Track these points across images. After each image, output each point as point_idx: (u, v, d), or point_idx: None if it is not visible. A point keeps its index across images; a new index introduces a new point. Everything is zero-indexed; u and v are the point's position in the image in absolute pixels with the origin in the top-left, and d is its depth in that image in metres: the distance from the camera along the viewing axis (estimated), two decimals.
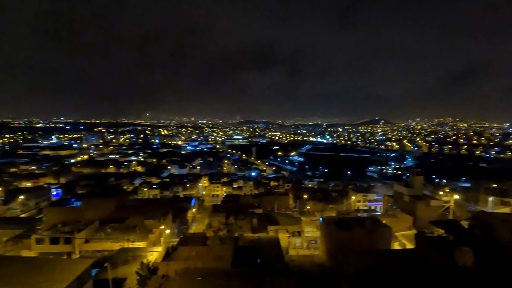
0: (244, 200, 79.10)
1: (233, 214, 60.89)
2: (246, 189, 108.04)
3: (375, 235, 40.07)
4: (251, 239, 44.55)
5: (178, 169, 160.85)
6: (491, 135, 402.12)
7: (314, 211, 72.99)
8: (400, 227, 54.26)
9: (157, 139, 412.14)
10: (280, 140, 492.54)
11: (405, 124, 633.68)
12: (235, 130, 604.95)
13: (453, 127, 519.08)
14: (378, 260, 23.91)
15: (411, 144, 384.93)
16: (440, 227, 33.61)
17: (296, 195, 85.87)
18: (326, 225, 45.09)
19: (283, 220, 58.86)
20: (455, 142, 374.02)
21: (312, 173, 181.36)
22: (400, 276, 21.38)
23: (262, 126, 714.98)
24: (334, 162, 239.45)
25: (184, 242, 38.78)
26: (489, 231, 28.47)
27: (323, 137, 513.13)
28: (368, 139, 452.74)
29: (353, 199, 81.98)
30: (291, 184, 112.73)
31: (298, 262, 44.02)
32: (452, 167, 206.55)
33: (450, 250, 23.79)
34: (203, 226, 62.85)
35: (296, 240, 54.29)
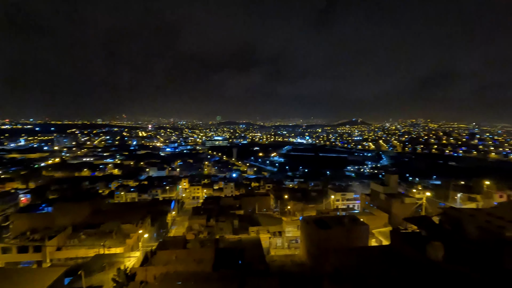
0: (225, 201, 78.63)
1: (214, 216, 60.32)
2: (227, 191, 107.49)
3: (353, 233, 41.23)
4: (233, 240, 44.35)
5: (157, 172, 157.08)
6: (459, 135, 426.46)
7: (295, 211, 73.88)
8: (377, 224, 56.16)
9: (134, 141, 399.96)
10: (261, 141, 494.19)
11: (380, 125, 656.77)
12: (215, 131, 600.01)
13: (425, 128, 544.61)
14: (356, 257, 24.62)
15: (386, 144, 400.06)
16: (414, 223, 35.16)
17: (277, 195, 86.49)
18: (306, 224, 45.80)
19: (264, 220, 59.09)
20: (427, 142, 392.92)
21: (292, 174, 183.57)
22: (377, 272, 22.14)
23: (243, 127, 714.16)
24: (314, 162, 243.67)
25: (164, 246, 37.92)
26: (457, 226, 30.13)
27: (303, 138, 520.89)
28: (346, 140, 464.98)
29: (332, 198, 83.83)
30: (272, 184, 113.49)
31: (279, 262, 44.39)
32: (424, 166, 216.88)
33: (423, 245, 24.95)
34: (183, 229, 61.76)
35: (277, 240, 54.68)
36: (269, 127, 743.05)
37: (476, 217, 30.40)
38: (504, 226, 27.81)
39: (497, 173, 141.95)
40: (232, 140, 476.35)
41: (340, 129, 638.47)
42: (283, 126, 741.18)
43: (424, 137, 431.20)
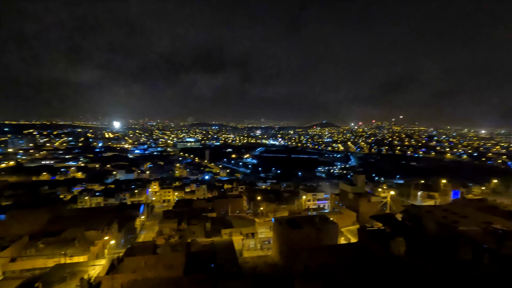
0: (197, 204, 77.33)
1: (186, 219, 59.07)
2: (199, 193, 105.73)
3: (323, 232, 42.46)
4: (205, 244, 43.70)
5: (125, 175, 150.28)
6: (419, 138, 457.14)
7: (268, 212, 74.49)
8: (346, 222, 58.40)
9: (100, 143, 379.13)
10: (234, 142, 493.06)
11: (349, 127, 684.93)
12: (187, 133, 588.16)
13: (389, 130, 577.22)
14: (326, 255, 25.41)
15: (354, 145, 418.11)
16: (379, 221, 37.07)
17: (249, 197, 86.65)
18: (278, 225, 46.39)
19: (237, 222, 58.91)
20: (391, 143, 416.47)
21: (265, 175, 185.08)
22: (345, 268, 23.01)
23: (215, 129, 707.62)
24: (286, 163, 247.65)
25: (132, 252, 36.36)
26: (417, 222, 32.27)
27: (276, 140, 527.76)
28: (316, 141, 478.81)
29: (304, 199, 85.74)
30: (245, 186, 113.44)
31: (252, 264, 44.48)
32: (388, 166, 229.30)
33: (387, 241, 26.38)
34: (153, 234, 59.68)
35: (250, 242, 54.76)
36: (242, 128, 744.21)
37: (433, 213, 32.77)
38: (457, 221, 30.27)
39: (452, 172, 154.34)
40: (204, 141, 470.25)
41: (311, 131, 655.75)
42: (256, 128, 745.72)
43: (389, 139, 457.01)
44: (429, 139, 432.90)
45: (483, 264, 22.51)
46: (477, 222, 32.05)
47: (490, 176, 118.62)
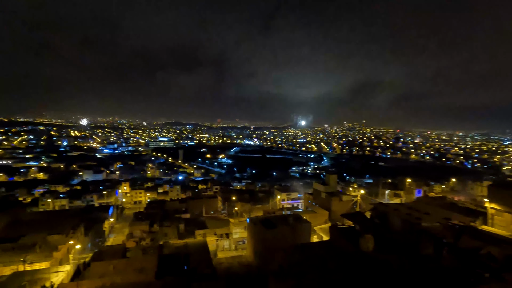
0: (170, 205, 75.47)
1: (158, 221, 57.45)
2: (172, 194, 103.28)
3: (297, 231, 43.29)
4: (178, 245, 42.76)
5: (92, 175, 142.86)
6: (387, 139, 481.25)
7: (242, 212, 74.51)
8: (318, 221, 59.99)
9: (65, 141, 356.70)
10: (209, 142, 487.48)
11: (322, 128, 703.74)
12: (160, 132, 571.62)
13: (360, 132, 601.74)
14: (299, 254, 25.94)
15: (327, 146, 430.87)
16: (349, 219, 38.50)
17: (224, 197, 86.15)
18: (253, 225, 46.57)
19: (211, 223, 58.34)
20: (361, 144, 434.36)
21: (240, 175, 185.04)
22: (317, 266, 23.64)
23: (190, 128, 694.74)
24: (261, 163, 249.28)
25: (99, 257, 34.66)
26: (385, 219, 33.96)
27: (251, 140, 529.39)
28: (291, 142, 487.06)
29: (278, 198, 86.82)
30: (219, 186, 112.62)
31: (226, 264, 44.27)
32: (359, 166, 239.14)
33: (357, 238, 27.48)
34: (123, 237, 57.33)
35: (225, 243, 54.43)
36: (217, 128, 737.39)
37: (399, 210, 34.66)
38: (420, 217, 32.27)
39: (416, 172, 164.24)
40: (178, 141, 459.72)
41: (286, 131, 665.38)
42: (231, 128, 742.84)
43: (359, 140, 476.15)
44: (396, 141, 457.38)
45: (442, 257, 24.18)
46: (437, 218, 34.40)
47: (449, 175, 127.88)
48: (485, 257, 23.32)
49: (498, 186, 43.43)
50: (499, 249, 23.95)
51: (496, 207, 40.41)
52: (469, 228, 32.22)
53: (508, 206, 39.00)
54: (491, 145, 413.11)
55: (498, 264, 22.19)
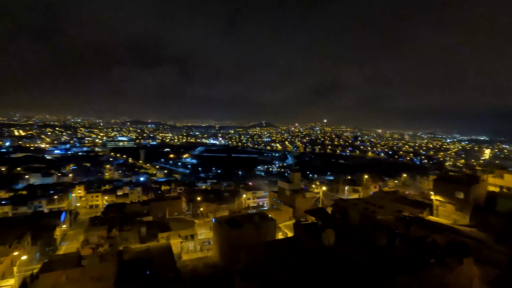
0: (130, 208, 71.82)
1: (117, 225, 54.36)
2: (133, 196, 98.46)
3: (262, 229, 43.87)
4: (139, 250, 40.83)
5: (41, 179, 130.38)
6: (346, 138, 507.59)
7: (208, 212, 73.54)
8: (283, 218, 61.36)
9: (7, 141, 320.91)
10: (172, 142, 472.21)
11: (286, 128, 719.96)
12: (119, 131, 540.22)
13: (321, 131, 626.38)
14: (264, 251, 26.33)
15: (291, 145, 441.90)
16: (312, 215, 39.96)
17: (189, 198, 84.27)
18: (218, 225, 46.21)
19: (175, 225, 56.73)
20: (323, 143, 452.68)
21: (205, 175, 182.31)
22: (282, 263, 24.19)
23: (152, 127, 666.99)
24: (227, 163, 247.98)
25: (50, 267, 31.83)
26: (344, 213, 35.82)
27: (216, 139, 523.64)
28: (256, 141, 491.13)
29: (244, 197, 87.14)
30: (184, 187, 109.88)
31: (191, 266, 43.43)
32: (321, 164, 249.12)
33: (319, 233, 28.63)
34: (77, 244, 53.34)
35: (189, 244, 53.33)
36: (181, 127, 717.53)
37: (357, 205, 36.78)
38: (376, 211, 34.57)
39: (372, 168, 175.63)
40: (139, 140, 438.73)
41: (251, 130, 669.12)
42: (196, 127, 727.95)
43: (321, 139, 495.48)
44: (355, 139, 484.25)
45: (395, 247, 26.21)
46: (391, 211, 37.15)
47: (401, 171, 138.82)
48: (430, 245, 25.75)
49: (441, 180, 48.12)
50: (442, 236, 26.62)
51: (440, 199, 44.79)
52: (418, 219, 35.35)
53: (449, 198, 43.45)
54: (436, 143, 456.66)
55: (442, 250, 24.65)
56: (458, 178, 49.49)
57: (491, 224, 35.11)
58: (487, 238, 31.17)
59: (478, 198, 42.51)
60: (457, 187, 42.54)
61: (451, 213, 42.83)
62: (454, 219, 41.86)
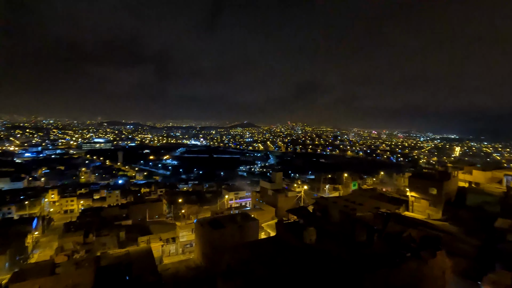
0: (108, 212, 69.54)
1: (94, 230, 52.31)
2: (111, 200, 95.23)
3: (245, 229, 43.84)
4: (118, 255, 39.58)
5: (10, 183, 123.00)
6: (326, 137, 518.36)
7: (189, 214, 72.43)
8: (266, 218, 61.64)
9: None
10: (152, 143, 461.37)
11: (268, 128, 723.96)
12: (95, 132, 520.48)
13: (302, 131, 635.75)
14: (247, 252, 26.33)
15: (273, 145, 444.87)
16: (294, 214, 40.45)
17: (170, 200, 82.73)
18: (200, 226, 45.68)
19: (155, 228, 55.49)
20: (304, 143, 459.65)
21: (186, 176, 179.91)
22: (265, 262, 24.30)
23: (130, 128, 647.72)
24: (208, 163, 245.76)
25: (20, 277, 30.12)
26: (325, 211, 36.56)
27: (197, 140, 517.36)
28: (238, 141, 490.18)
29: (226, 198, 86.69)
30: (164, 189, 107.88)
31: (173, 270, 42.59)
32: (302, 163, 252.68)
33: (301, 231, 29.02)
34: (51, 252, 50.93)
35: (171, 247, 52.38)
36: (161, 128, 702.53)
37: (337, 203, 37.66)
38: (355, 208, 35.55)
39: (352, 167, 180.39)
40: (117, 142, 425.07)
41: (232, 131, 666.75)
42: (176, 128, 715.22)
43: (302, 138, 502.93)
44: (334, 139, 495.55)
45: (373, 242, 27.07)
46: (369, 208, 38.34)
47: (378, 169, 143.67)
48: (406, 239, 26.83)
49: (416, 177, 50.26)
50: (417, 231, 27.82)
51: (415, 195, 46.78)
52: (394, 215, 36.72)
53: (423, 194, 45.48)
54: (410, 142, 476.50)
55: (417, 244, 25.75)
56: (431, 175, 51.91)
57: (461, 218, 37.13)
58: (457, 231, 32.96)
59: (450, 193, 44.79)
60: (430, 183, 44.59)
61: (425, 208, 44.83)
62: (428, 214, 43.85)
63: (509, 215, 32.26)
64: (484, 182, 52.34)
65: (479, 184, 51.78)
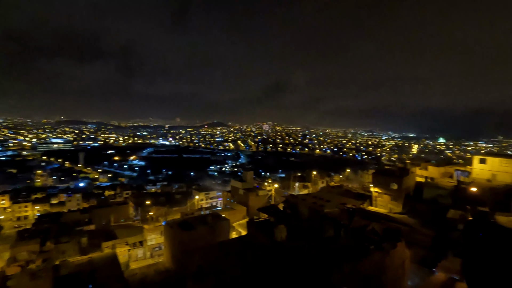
0: (68, 217, 65.14)
1: (52, 237, 48.83)
2: (71, 204, 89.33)
3: (216, 230, 43.42)
4: (80, 263, 37.28)
5: None
6: (296, 136, 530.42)
7: (158, 216, 70.12)
8: (237, 217, 61.61)
9: None
10: (117, 143, 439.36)
11: (239, 127, 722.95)
12: (53, 132, 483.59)
13: (273, 130, 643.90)
14: (218, 252, 26.11)
15: (243, 144, 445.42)
16: (264, 212, 40.86)
17: (137, 202, 79.50)
18: (169, 228, 44.46)
19: (121, 232, 53.07)
20: (274, 142, 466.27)
21: (155, 177, 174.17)
22: (236, 262, 24.29)
23: (93, 128, 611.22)
24: (178, 164, 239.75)
25: None
26: (295, 209, 37.40)
27: (166, 139, 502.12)
28: (208, 141, 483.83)
29: (197, 199, 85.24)
30: (131, 191, 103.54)
31: (141, 275, 41.01)
32: (273, 162, 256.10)
33: (272, 229, 29.40)
34: (1, 263, 46.39)
35: (138, 251, 50.40)
36: (127, 127, 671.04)
37: (306, 200, 38.71)
38: (323, 205, 36.78)
39: (320, 165, 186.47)
40: (78, 142, 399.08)
41: (203, 130, 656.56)
42: (144, 127, 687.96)
43: (273, 137, 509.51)
44: (304, 138, 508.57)
45: (340, 237, 28.23)
46: (336, 204, 39.88)
47: (345, 166, 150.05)
48: (370, 232, 28.33)
49: (378, 174, 53.25)
50: (380, 224, 29.50)
51: (378, 191, 49.57)
52: (359, 210, 38.62)
53: (385, 189, 48.36)
54: (374, 140, 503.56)
55: (379, 236, 27.30)
56: (392, 171, 55.28)
57: (419, 210, 40.06)
58: (415, 223, 35.51)
59: (409, 188, 48.10)
60: (391, 179, 47.51)
61: (387, 202, 47.69)
62: (390, 208, 46.71)
63: (459, 206, 35.40)
64: (438, 177, 57.02)
65: (433, 179, 56.23)
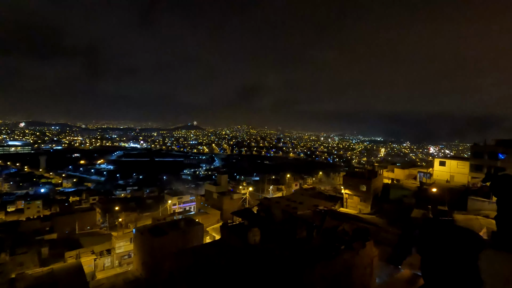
0: (27, 226, 60.30)
1: (8, 248, 44.81)
2: (30, 212, 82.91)
3: (189, 235, 42.49)
4: (39, 275, 34.57)
5: None
6: (270, 139, 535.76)
7: (128, 222, 67.12)
8: (211, 222, 60.78)
9: None
10: (83, 146, 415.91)
11: (213, 130, 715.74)
12: (9, 134, 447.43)
13: (247, 133, 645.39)
14: (190, 257, 25.57)
15: (218, 147, 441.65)
16: (239, 216, 40.67)
17: (104, 208, 75.61)
18: (140, 235, 42.80)
19: (87, 240, 50.18)
20: (249, 145, 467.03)
21: (124, 182, 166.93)
22: (209, 266, 23.93)
23: (56, 129, 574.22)
24: (150, 167, 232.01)
25: None
26: (268, 212, 37.64)
27: (137, 142, 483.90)
28: (182, 144, 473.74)
29: (169, 203, 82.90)
30: (98, 196, 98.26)
31: (108, 285, 38.99)
32: (247, 165, 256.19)
33: (246, 233, 29.36)
34: None
35: (106, 260, 47.98)
36: (94, 129, 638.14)
37: (280, 203, 39.19)
38: (296, 207, 37.43)
39: (294, 168, 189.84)
40: (38, 145, 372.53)
41: (176, 133, 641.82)
42: (113, 129, 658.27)
43: (247, 140, 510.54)
44: (278, 141, 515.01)
45: (312, 238, 28.86)
46: (309, 206, 40.76)
47: (317, 169, 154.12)
48: (341, 233, 29.28)
49: (349, 176, 55.39)
50: (350, 224, 30.59)
51: (348, 192, 51.47)
52: (331, 211, 39.80)
53: (355, 191, 50.36)
54: (344, 144, 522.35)
55: (349, 237, 28.30)
56: (361, 173, 57.73)
57: (386, 210, 42.12)
58: (382, 223, 37.27)
59: (377, 189, 50.44)
60: (360, 181, 49.59)
61: (357, 204, 49.65)
62: (359, 209, 48.65)
63: (422, 206, 37.73)
64: (403, 179, 60.45)
65: (399, 180, 59.51)
